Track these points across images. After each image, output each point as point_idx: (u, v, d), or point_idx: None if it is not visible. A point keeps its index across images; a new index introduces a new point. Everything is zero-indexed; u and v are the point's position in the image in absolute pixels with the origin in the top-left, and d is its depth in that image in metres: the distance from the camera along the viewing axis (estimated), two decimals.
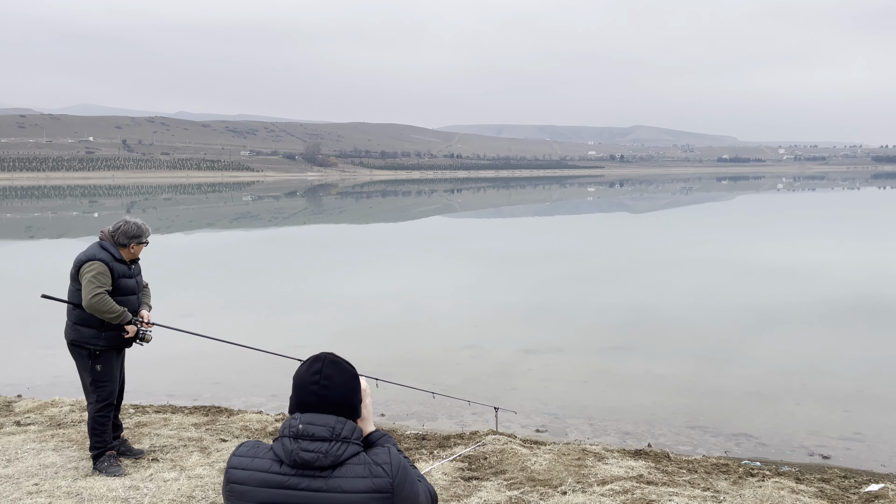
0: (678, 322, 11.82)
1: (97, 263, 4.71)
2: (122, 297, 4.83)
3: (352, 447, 1.97)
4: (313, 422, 1.97)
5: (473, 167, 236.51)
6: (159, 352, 9.91)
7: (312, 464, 1.93)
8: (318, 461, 1.93)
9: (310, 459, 1.93)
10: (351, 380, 2.07)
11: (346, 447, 1.96)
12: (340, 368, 2.06)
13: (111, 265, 4.77)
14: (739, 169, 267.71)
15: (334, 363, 2.06)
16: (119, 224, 4.87)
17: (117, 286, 4.80)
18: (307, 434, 1.95)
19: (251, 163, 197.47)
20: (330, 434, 1.96)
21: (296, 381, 2.06)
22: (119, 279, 4.82)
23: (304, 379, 2.03)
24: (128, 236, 4.82)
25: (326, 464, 1.93)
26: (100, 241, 4.88)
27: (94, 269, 4.69)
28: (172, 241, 27.97)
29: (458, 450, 5.58)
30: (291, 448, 1.94)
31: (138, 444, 5.39)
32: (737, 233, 29.44)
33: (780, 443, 6.64)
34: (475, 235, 30.39)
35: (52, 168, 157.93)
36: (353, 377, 2.08)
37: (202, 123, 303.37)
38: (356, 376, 2.10)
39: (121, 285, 4.83)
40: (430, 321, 12.13)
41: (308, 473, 1.93)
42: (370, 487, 1.92)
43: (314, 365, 2.04)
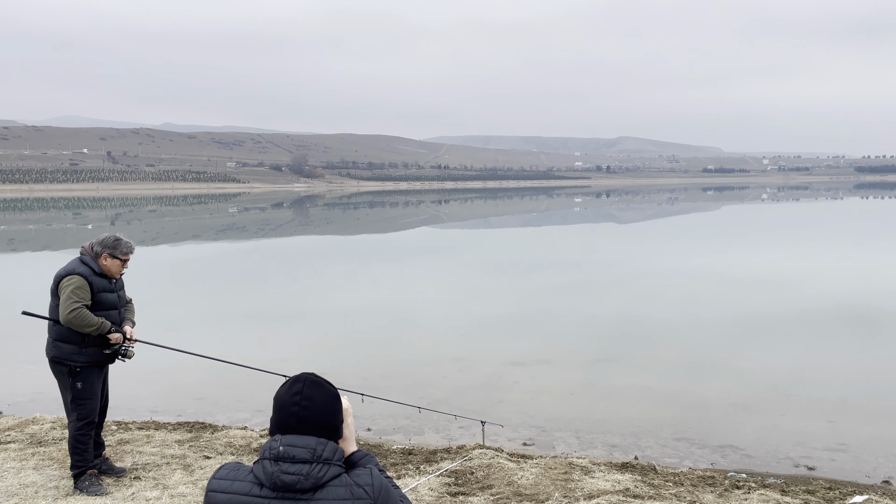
0: (665, 334, 11.86)
1: (76, 278, 4.66)
2: (102, 311, 4.77)
3: (333, 469, 1.95)
4: (294, 444, 1.94)
5: (461, 178, 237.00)
6: (143, 367, 9.81)
7: (293, 486, 1.90)
8: (298, 484, 1.90)
9: (291, 482, 1.90)
10: (332, 400, 2.04)
11: (327, 469, 1.93)
12: (321, 389, 2.03)
13: (90, 279, 4.72)
14: (724, 179, 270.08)
15: (315, 384, 2.03)
16: (101, 236, 4.86)
17: (98, 300, 4.74)
18: (288, 456, 1.92)
19: (237, 174, 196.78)
20: (311, 456, 1.93)
21: (276, 402, 2.03)
22: (99, 293, 4.76)
23: (285, 400, 2.00)
24: (104, 245, 4.78)
25: (307, 486, 1.91)
26: (80, 256, 4.84)
27: (72, 284, 4.64)
28: (157, 254, 27.76)
29: (445, 464, 5.55)
30: (272, 471, 1.92)
31: (120, 462, 5.32)
32: (722, 243, 29.65)
33: (766, 454, 6.66)
34: (463, 246, 30.41)
35: (36, 180, 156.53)
36: (334, 397, 2.05)
37: (188, 135, 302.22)
38: (337, 396, 2.07)
39: (101, 299, 4.77)
40: (417, 334, 12.10)
41: (289, 496, 1.91)
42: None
43: (294, 386, 2.01)
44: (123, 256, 4.86)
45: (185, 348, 7.56)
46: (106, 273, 4.82)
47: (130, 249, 4.90)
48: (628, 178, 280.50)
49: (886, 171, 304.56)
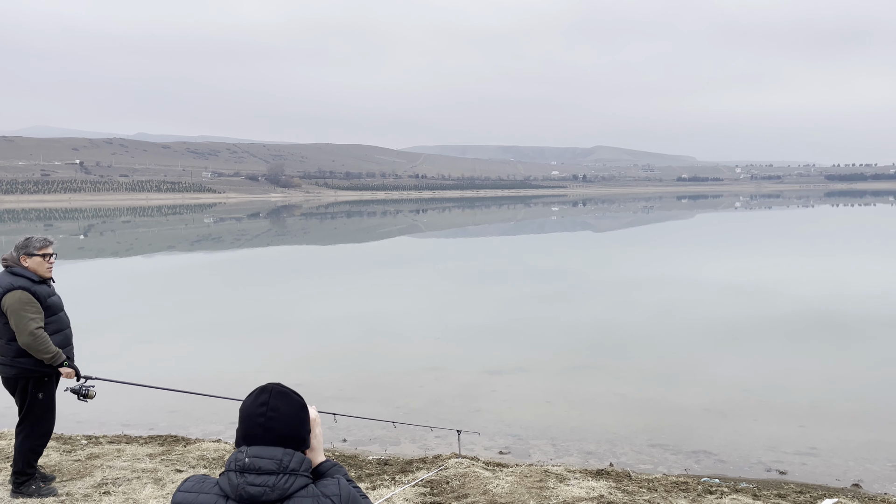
0: (639, 341, 11.96)
1: (18, 293, 4.46)
2: (53, 315, 4.64)
3: (300, 479, 1.92)
4: (260, 455, 1.91)
5: (438, 187, 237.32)
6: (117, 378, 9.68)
7: (259, 498, 1.87)
8: (264, 495, 1.87)
9: (256, 494, 1.87)
10: (299, 411, 2.02)
11: (293, 480, 1.90)
12: (288, 399, 2.00)
13: (33, 289, 4.55)
14: (698, 188, 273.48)
15: (281, 394, 2.00)
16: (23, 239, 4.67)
17: (47, 306, 4.60)
18: (253, 468, 1.89)
19: (213, 184, 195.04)
20: (277, 467, 1.90)
21: (242, 413, 2.00)
22: (47, 299, 4.62)
23: (251, 411, 1.97)
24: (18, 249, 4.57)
25: (273, 498, 1.87)
26: (9, 269, 4.62)
27: (18, 300, 4.44)
28: (132, 265, 27.41)
29: (421, 474, 5.53)
30: (237, 482, 1.88)
31: (90, 477, 5.23)
32: (696, 251, 30.01)
33: (739, 459, 6.73)
34: (440, 256, 30.42)
35: (6, 191, 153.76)
36: (301, 408, 2.02)
37: (162, 145, 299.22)
38: (304, 407, 2.04)
39: (49, 304, 4.63)
40: (394, 344, 12.06)
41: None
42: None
43: (261, 396, 1.98)
44: (40, 251, 4.60)
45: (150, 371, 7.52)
46: (38, 275, 4.62)
47: (45, 243, 4.63)
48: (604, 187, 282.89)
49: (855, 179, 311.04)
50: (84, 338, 13.29)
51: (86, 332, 13.21)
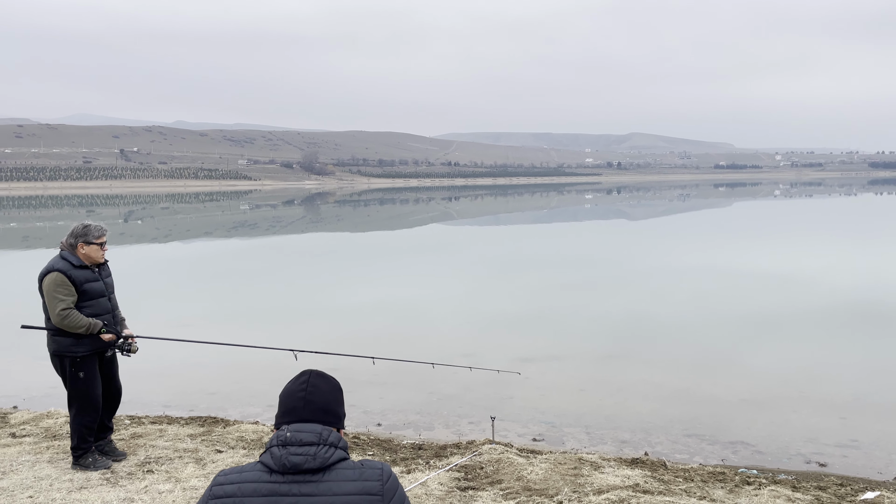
0: (675, 330, 11.83)
1: (54, 275, 4.70)
2: (90, 300, 4.82)
3: (339, 452, 2.04)
4: (300, 429, 2.04)
5: (471, 175, 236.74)
6: (156, 363, 9.89)
7: (301, 466, 1.97)
8: (306, 463, 1.98)
9: (298, 462, 1.98)
10: (336, 390, 2.18)
11: (333, 451, 2.02)
12: (326, 379, 2.17)
13: (70, 273, 4.75)
14: (736, 175, 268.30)
15: (320, 375, 2.17)
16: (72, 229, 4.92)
17: (83, 291, 4.78)
18: (295, 440, 2.01)
19: (249, 171, 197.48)
20: (317, 439, 2.02)
21: (283, 393, 2.15)
22: (83, 284, 4.79)
23: (292, 389, 2.13)
24: (74, 235, 4.81)
25: (315, 466, 1.98)
26: (60, 252, 4.90)
27: (52, 282, 4.68)
28: (170, 251, 27.96)
29: (455, 459, 5.57)
30: (280, 454, 1.99)
31: (134, 456, 5.38)
32: (734, 240, 29.49)
33: (777, 451, 6.63)
34: (472, 243, 30.41)
35: (50, 178, 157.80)
36: (337, 388, 2.19)
37: (199, 132, 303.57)
38: (340, 389, 2.20)
39: (87, 290, 4.81)
40: (427, 330, 12.12)
41: (298, 479, 1.97)
42: (360, 489, 1.98)
43: (301, 377, 2.16)
44: (97, 240, 4.84)
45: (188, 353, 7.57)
46: (88, 262, 4.86)
47: (102, 232, 4.88)
48: (639, 174, 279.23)
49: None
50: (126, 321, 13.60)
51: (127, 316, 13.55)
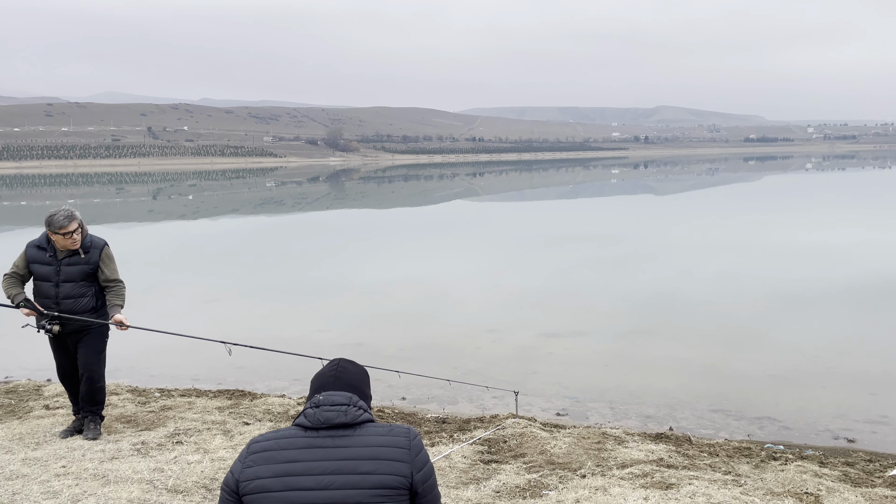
0: (702, 305, 11.71)
1: (21, 251, 5.09)
2: (37, 281, 5.07)
3: (367, 415, 2.21)
4: (332, 394, 2.22)
5: (495, 150, 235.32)
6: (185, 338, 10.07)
7: (333, 420, 2.14)
8: (338, 418, 2.14)
9: (331, 416, 2.14)
10: (363, 373, 2.38)
11: (362, 412, 2.20)
12: (354, 364, 2.39)
13: (28, 251, 5.05)
14: (767, 149, 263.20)
15: (350, 361, 2.39)
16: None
17: (31, 271, 5.06)
18: (327, 402, 2.19)
19: (274, 148, 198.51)
20: (348, 401, 2.20)
21: (314, 377, 2.35)
22: (32, 264, 5.05)
23: (324, 371, 2.35)
24: (45, 223, 4.95)
25: (346, 420, 2.14)
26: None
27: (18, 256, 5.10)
28: (198, 227, 28.30)
29: (478, 433, 5.60)
30: (314, 412, 2.17)
31: (163, 427, 5.49)
32: (764, 215, 29.01)
33: (805, 426, 6.56)
34: (497, 219, 30.32)
35: (80, 156, 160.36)
36: (365, 373, 2.39)
37: (225, 110, 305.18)
38: (368, 375, 2.41)
39: (33, 270, 5.06)
40: (452, 306, 12.15)
41: (332, 434, 2.13)
42: (390, 443, 2.13)
43: (333, 362, 2.38)
44: (59, 231, 4.89)
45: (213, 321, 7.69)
46: (60, 248, 4.98)
47: (62, 224, 4.87)
48: (667, 148, 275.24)
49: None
50: (154, 295, 13.89)
51: (156, 290, 13.83)
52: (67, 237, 4.92)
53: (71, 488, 4.14)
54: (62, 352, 5.23)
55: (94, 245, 5.11)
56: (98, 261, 5.08)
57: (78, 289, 5.03)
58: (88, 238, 5.12)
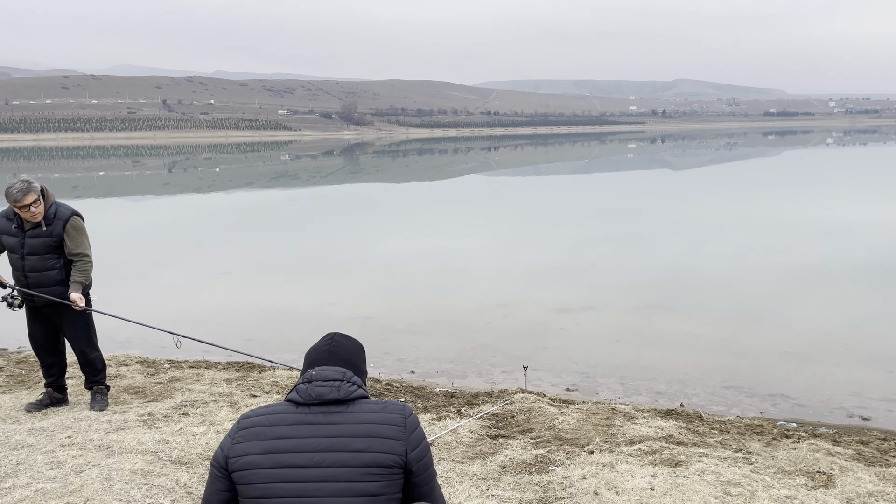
0: (716, 281, 11.57)
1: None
2: (8, 254, 5.01)
3: (361, 391, 2.13)
4: (325, 369, 2.14)
5: (511, 124, 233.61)
6: (198, 309, 10.11)
7: (325, 396, 2.06)
8: (330, 394, 2.07)
9: (323, 392, 2.07)
10: (358, 348, 2.29)
11: (356, 388, 2.12)
12: (349, 339, 2.31)
13: (1, 220, 4.97)
14: (787, 123, 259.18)
15: (344, 335, 2.31)
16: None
17: (2, 243, 4.99)
18: (320, 378, 2.11)
19: (289, 122, 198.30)
20: (341, 376, 2.12)
21: (308, 351, 2.27)
22: (1, 235, 4.97)
23: (317, 345, 2.27)
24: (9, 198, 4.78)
25: (339, 396, 2.07)
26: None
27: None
28: (213, 200, 28.36)
29: (486, 408, 5.55)
30: (305, 387, 2.10)
31: (170, 399, 5.50)
32: (781, 189, 28.60)
33: (818, 404, 6.46)
34: (511, 194, 30.14)
35: (96, 128, 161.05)
36: (360, 347, 2.30)
37: (240, 82, 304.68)
38: (363, 349, 2.32)
39: (3, 242, 4.98)
40: (463, 280, 12.09)
41: (324, 409, 2.05)
42: (384, 420, 2.06)
43: (326, 336, 2.29)
44: (14, 204, 4.76)
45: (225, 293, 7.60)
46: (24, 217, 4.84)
47: (15, 198, 4.71)
48: (685, 122, 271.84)
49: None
50: (168, 268, 13.94)
51: (170, 264, 13.86)
52: (25, 210, 4.74)
53: (75, 458, 4.14)
54: (36, 321, 5.12)
55: (59, 216, 4.89)
56: (62, 233, 4.87)
57: (43, 262, 4.88)
58: (53, 209, 4.90)
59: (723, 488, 3.94)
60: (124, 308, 9.90)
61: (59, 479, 3.87)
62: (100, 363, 5.23)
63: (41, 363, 5.30)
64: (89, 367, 5.19)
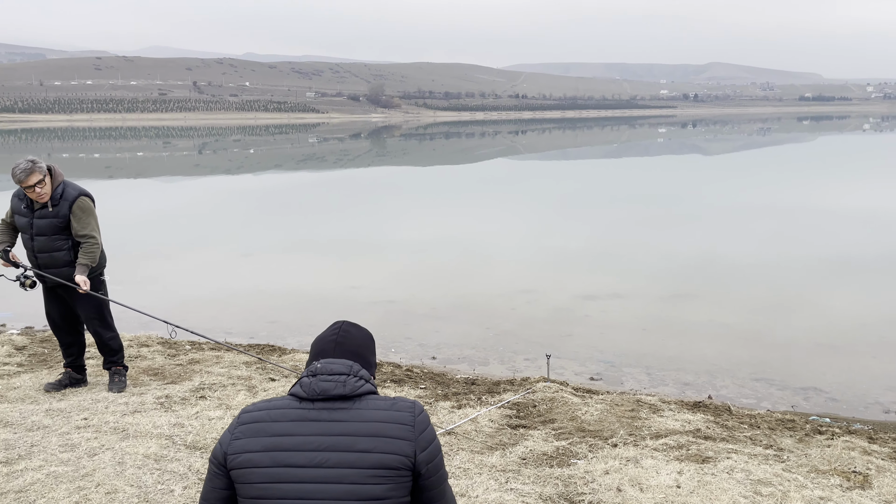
0: (748, 270, 11.26)
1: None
2: (20, 232, 4.98)
3: (368, 386, 2.00)
4: (332, 362, 2.00)
5: (539, 108, 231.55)
6: (220, 290, 10.12)
7: (330, 392, 1.93)
8: (335, 389, 1.94)
9: (328, 387, 1.94)
10: (367, 339, 2.15)
11: (363, 383, 1.99)
12: (358, 327, 2.16)
13: (12, 200, 4.95)
14: (823, 108, 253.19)
15: (353, 324, 2.16)
16: None
17: (14, 221, 4.97)
18: (325, 371, 1.98)
19: (317, 104, 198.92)
20: (348, 370, 1.99)
21: (315, 340, 2.14)
22: (14, 214, 4.95)
23: (324, 334, 2.12)
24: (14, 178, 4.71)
25: (345, 392, 1.94)
26: None
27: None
28: (240, 183, 28.49)
29: (507, 396, 5.43)
30: (310, 382, 1.97)
31: (189, 381, 5.46)
32: (815, 176, 27.90)
33: (853, 398, 6.23)
34: (538, 178, 29.81)
35: (128, 109, 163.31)
36: (369, 337, 2.17)
37: (269, 65, 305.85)
38: (372, 338, 2.19)
39: (15, 220, 4.96)
40: (488, 265, 11.94)
41: (328, 406, 1.93)
42: (392, 418, 1.93)
43: (334, 325, 2.15)
44: (19, 184, 4.70)
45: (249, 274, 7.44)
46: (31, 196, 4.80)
47: (19, 179, 4.65)
48: (717, 106, 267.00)
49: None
50: (193, 249, 14.00)
51: (195, 244, 13.92)
52: (30, 191, 4.69)
53: (89, 441, 4.11)
54: (52, 301, 5.12)
55: (66, 197, 4.81)
56: (68, 214, 4.79)
57: (51, 242, 4.83)
58: (60, 189, 4.82)
59: (753, 487, 3.78)
60: (145, 288, 10.00)
61: (72, 463, 3.84)
62: (116, 344, 5.19)
63: (60, 343, 5.29)
64: (105, 348, 5.16)
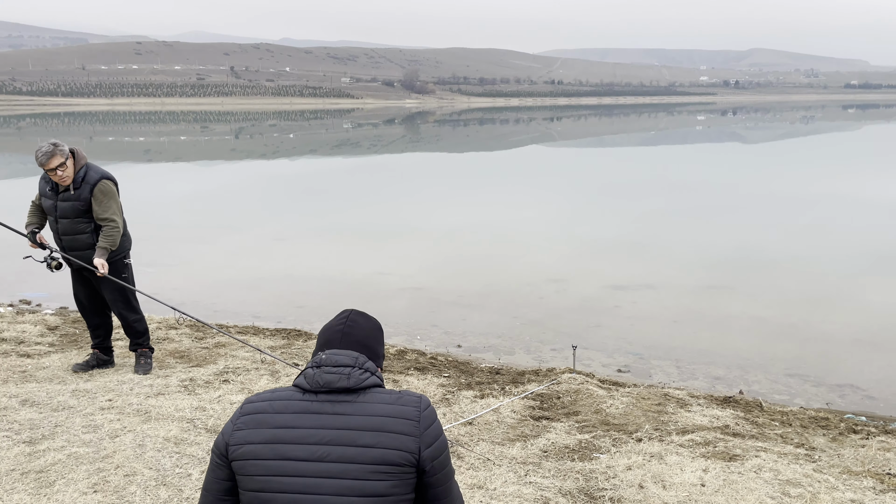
0: (784, 261, 10.97)
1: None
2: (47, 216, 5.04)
3: (374, 378, 1.94)
4: (337, 353, 1.96)
5: (575, 94, 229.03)
6: (251, 274, 10.20)
7: (334, 384, 1.89)
8: (339, 381, 1.89)
9: (331, 380, 1.89)
10: (375, 329, 2.10)
11: (368, 375, 1.93)
12: (366, 317, 2.10)
13: (39, 182, 4.99)
14: (869, 96, 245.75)
15: (361, 313, 2.10)
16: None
17: (41, 203, 5.02)
18: (330, 362, 1.93)
19: (351, 90, 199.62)
20: (353, 362, 1.94)
21: (322, 329, 2.08)
22: (41, 197, 5.00)
23: (331, 324, 2.07)
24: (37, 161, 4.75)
25: (349, 385, 1.89)
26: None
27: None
28: (276, 168, 28.74)
29: (531, 387, 5.36)
30: (314, 373, 1.92)
31: (213, 364, 5.49)
32: (859, 166, 27.07)
33: (892, 396, 6.02)
34: (573, 166, 29.49)
35: (167, 94, 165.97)
36: (377, 328, 2.11)
37: (305, 50, 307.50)
38: (381, 329, 2.13)
39: (42, 202, 5.01)
40: (518, 253, 11.82)
41: (332, 398, 1.88)
42: (396, 413, 1.87)
43: (342, 314, 2.10)
44: (42, 167, 4.74)
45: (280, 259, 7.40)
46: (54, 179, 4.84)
47: (41, 162, 4.69)
48: (759, 94, 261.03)
49: None
50: (228, 232, 14.12)
51: (230, 227, 14.06)
52: (52, 174, 4.73)
53: (112, 423, 4.16)
54: (79, 282, 5.21)
55: (87, 180, 4.84)
56: (90, 197, 4.82)
57: (74, 225, 4.89)
58: (83, 172, 4.85)
59: (781, 488, 3.66)
60: (178, 270, 10.12)
61: (94, 444, 3.88)
62: (141, 326, 5.24)
63: (87, 324, 5.37)
64: (130, 329, 5.22)
